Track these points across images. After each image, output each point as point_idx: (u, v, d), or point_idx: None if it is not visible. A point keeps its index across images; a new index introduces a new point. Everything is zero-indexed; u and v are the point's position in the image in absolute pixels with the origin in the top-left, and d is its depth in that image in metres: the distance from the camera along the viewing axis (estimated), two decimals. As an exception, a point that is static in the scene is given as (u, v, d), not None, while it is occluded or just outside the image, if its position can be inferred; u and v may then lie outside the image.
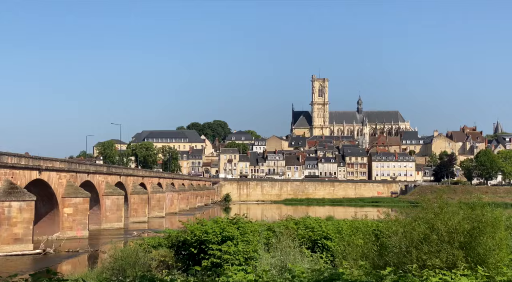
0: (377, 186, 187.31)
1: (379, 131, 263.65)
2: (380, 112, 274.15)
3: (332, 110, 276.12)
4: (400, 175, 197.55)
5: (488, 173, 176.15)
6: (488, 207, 16.03)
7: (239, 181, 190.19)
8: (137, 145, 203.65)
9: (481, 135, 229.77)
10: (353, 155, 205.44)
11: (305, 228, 27.46)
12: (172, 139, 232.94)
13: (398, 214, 18.67)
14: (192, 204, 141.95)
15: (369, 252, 17.68)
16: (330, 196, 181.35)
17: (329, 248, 25.14)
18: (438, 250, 14.85)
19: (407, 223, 16.85)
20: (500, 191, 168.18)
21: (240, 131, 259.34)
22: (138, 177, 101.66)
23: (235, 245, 22.21)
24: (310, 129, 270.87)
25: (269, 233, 25.77)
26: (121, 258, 23.97)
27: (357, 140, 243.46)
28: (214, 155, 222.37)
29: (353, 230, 24.16)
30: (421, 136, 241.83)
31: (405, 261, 15.02)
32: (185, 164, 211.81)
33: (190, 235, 24.23)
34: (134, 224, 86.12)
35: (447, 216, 15.58)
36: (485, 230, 14.77)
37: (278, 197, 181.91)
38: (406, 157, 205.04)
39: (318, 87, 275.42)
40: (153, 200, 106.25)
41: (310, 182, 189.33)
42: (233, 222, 25.56)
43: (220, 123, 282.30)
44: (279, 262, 19.45)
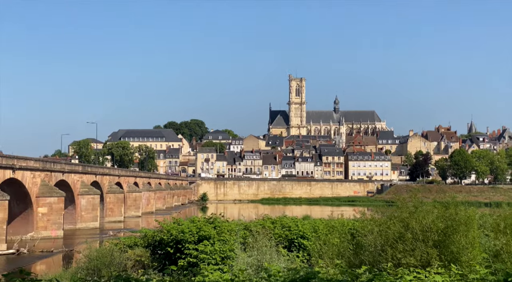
0: (353, 185, 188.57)
1: (355, 131, 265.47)
2: (357, 112, 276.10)
3: (309, 110, 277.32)
4: (376, 174, 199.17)
5: (462, 172, 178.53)
6: (462, 206, 16.24)
7: (216, 180, 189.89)
8: (113, 144, 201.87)
9: (456, 135, 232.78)
10: (329, 155, 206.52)
11: (281, 227, 27.54)
12: (149, 139, 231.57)
13: (374, 213, 18.80)
14: (169, 204, 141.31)
15: (345, 251, 17.80)
16: (307, 195, 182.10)
17: (306, 247, 25.26)
18: (412, 248, 15.02)
19: (383, 222, 17.00)
20: (473, 190, 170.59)
21: (218, 131, 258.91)
22: (114, 176, 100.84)
23: (212, 245, 22.20)
24: (287, 129, 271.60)
25: (246, 232, 25.78)
26: (96, 258, 23.75)
27: (334, 140, 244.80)
28: (191, 154, 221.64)
29: (329, 229, 24.31)
30: (397, 136, 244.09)
31: (380, 260, 15.15)
32: (162, 163, 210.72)
33: (166, 234, 24.16)
34: (110, 224, 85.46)
35: (421, 215, 15.76)
36: (459, 229, 14.96)
37: (255, 196, 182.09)
38: (382, 157, 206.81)
39: (295, 86, 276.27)
40: (129, 199, 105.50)
41: (287, 181, 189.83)
42: (209, 221, 25.54)
43: (197, 123, 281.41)
44: (255, 261, 19.47)
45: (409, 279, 9.91)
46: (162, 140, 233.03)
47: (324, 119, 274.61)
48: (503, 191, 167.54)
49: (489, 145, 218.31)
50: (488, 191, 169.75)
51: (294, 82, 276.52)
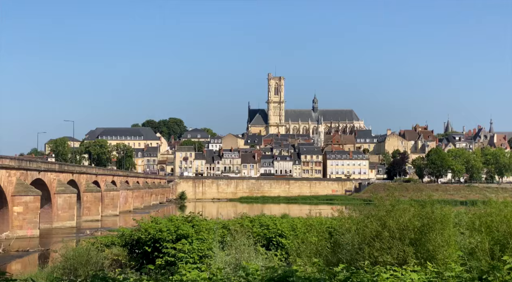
0: (331, 184, 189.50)
1: (334, 130, 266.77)
2: (335, 111, 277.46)
3: (288, 109, 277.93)
4: (354, 173, 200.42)
5: (438, 171, 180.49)
6: (438, 204, 16.42)
7: (195, 179, 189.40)
8: (90, 142, 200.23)
9: (432, 134, 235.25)
10: (308, 153, 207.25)
11: (260, 226, 27.56)
12: (127, 137, 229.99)
13: (352, 211, 18.91)
14: (147, 202, 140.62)
15: (322, 249, 17.88)
16: (285, 194, 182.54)
17: (284, 245, 25.31)
18: (389, 246, 15.14)
19: (360, 220, 17.11)
20: (450, 189, 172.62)
21: (196, 129, 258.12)
22: (92, 175, 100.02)
23: (190, 243, 22.15)
24: (266, 128, 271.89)
25: (224, 231, 25.73)
26: (73, 257, 23.53)
27: (313, 138, 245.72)
28: (170, 153, 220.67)
29: (307, 227, 24.35)
30: (374, 135, 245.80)
31: (357, 258, 15.25)
32: (140, 162, 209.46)
33: (144, 233, 24.05)
34: (87, 223, 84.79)
35: (398, 213, 15.89)
36: (435, 227, 15.12)
37: (234, 195, 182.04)
38: (360, 155, 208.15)
39: (274, 85, 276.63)
40: (107, 198, 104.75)
41: (265, 180, 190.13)
42: (188, 220, 25.49)
43: (175, 121, 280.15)
44: (233, 260, 19.47)
45: (386, 277, 9.98)
46: (140, 138, 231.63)
47: (302, 118, 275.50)
48: (478, 189, 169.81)
49: (465, 144, 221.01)
50: (464, 190, 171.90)
51: (273, 81, 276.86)
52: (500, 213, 15.18)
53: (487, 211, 15.99)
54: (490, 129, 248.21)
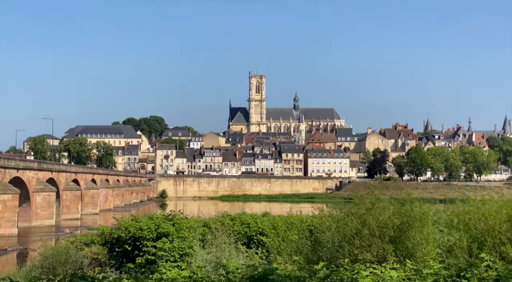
0: (312, 182, 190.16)
1: (315, 128, 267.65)
2: (316, 109, 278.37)
3: (269, 107, 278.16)
4: (335, 171, 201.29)
5: (418, 169, 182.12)
6: (417, 202, 16.55)
7: (176, 177, 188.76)
8: (70, 140, 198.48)
9: (412, 133, 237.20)
10: (289, 151, 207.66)
11: (241, 224, 27.54)
12: (107, 135, 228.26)
13: (332, 209, 18.99)
14: (127, 201, 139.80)
15: (303, 247, 17.94)
16: (266, 192, 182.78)
17: (265, 243, 25.33)
18: (369, 244, 15.24)
19: (340, 218, 17.19)
20: (429, 187, 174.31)
21: (177, 127, 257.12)
22: (71, 173, 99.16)
23: (170, 242, 22.07)
24: (247, 126, 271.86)
25: (205, 229, 25.67)
26: (52, 256, 23.30)
27: (294, 137, 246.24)
28: (151, 151, 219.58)
29: (288, 225, 24.39)
30: (355, 134, 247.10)
31: (337, 256, 15.33)
32: (121, 160, 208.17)
33: (124, 232, 23.92)
34: (67, 221, 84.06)
35: (378, 211, 16.00)
36: (414, 225, 15.25)
37: (215, 193, 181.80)
38: (341, 154, 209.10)
39: (255, 83, 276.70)
40: (87, 196, 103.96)
41: (247, 178, 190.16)
42: (168, 218, 25.40)
43: (156, 119, 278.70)
44: (214, 258, 19.45)
45: (366, 274, 10.05)
46: (121, 136, 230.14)
47: (284, 116, 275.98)
48: (457, 187, 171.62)
49: (444, 143, 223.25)
50: (443, 188, 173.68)
51: (254, 79, 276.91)
52: (478, 211, 15.35)
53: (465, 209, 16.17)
54: (468, 128, 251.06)
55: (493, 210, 15.09)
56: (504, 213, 14.79)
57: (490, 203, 15.96)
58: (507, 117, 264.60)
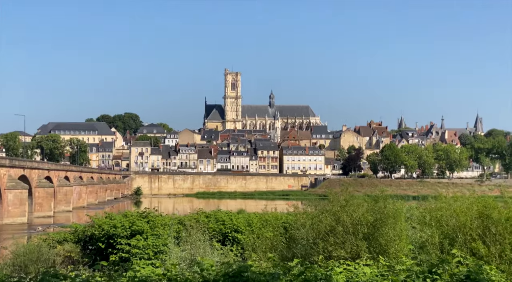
0: (287, 179, 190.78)
1: (290, 126, 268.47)
2: (292, 106, 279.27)
3: (245, 104, 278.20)
4: (310, 168, 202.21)
5: (392, 166, 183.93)
6: (391, 199, 16.71)
7: (151, 174, 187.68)
8: (42, 137, 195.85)
9: (386, 130, 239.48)
10: (265, 149, 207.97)
11: (216, 221, 27.52)
12: (81, 132, 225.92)
13: (307, 206, 19.07)
14: (101, 198, 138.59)
15: (278, 244, 17.98)
16: (242, 189, 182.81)
17: (239, 241, 25.36)
18: (343, 241, 15.35)
19: (315, 215, 17.26)
20: (403, 184, 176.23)
21: (152, 124, 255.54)
22: (44, 170, 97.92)
23: (145, 239, 21.95)
24: (222, 123, 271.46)
25: (179, 226, 25.61)
26: (23, 253, 22.98)
27: (269, 134, 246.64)
28: (125, 148, 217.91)
29: (263, 223, 24.47)
30: (330, 131, 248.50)
31: (312, 253, 15.41)
32: (95, 157, 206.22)
33: (98, 229, 23.73)
34: (39, 219, 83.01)
35: (352, 208, 16.11)
36: (387, 222, 15.40)
37: (190, 190, 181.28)
38: (316, 151, 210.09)
39: (230, 81, 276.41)
40: (60, 193, 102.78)
41: (222, 175, 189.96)
42: (143, 215, 25.25)
43: (131, 116, 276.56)
44: (189, 255, 19.41)
45: (339, 271, 10.13)
46: (95, 133, 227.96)
47: (259, 113, 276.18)
48: (430, 184, 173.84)
49: (417, 140, 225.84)
50: (416, 185, 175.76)
51: (229, 76, 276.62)
52: (450, 207, 15.55)
53: (437, 206, 16.36)
54: (441, 126, 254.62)
55: (464, 206, 15.30)
56: (475, 210, 15.01)
57: (462, 199, 16.18)
58: (478, 115, 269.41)
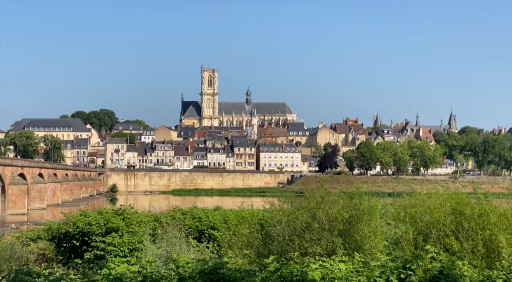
0: (264, 176, 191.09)
1: (267, 123, 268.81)
2: (268, 103, 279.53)
3: (222, 101, 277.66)
4: (287, 165, 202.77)
5: (368, 163, 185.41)
6: (366, 196, 16.85)
7: (127, 171, 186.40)
8: (16, 133, 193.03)
9: (362, 127, 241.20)
10: (241, 146, 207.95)
11: (192, 218, 27.45)
12: (55, 128, 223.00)
13: (283, 203, 19.11)
14: (76, 195, 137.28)
15: (254, 241, 18.02)
16: (218, 186, 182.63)
17: (216, 238, 25.33)
18: (319, 238, 15.44)
19: (291, 212, 17.32)
20: (378, 181, 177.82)
21: (128, 121, 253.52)
22: (17, 167, 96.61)
23: (120, 237, 21.82)
24: (199, 120, 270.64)
25: (155, 223, 25.48)
26: (-4, 252, 22.63)
27: (246, 131, 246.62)
28: (101, 145, 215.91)
29: (239, 219, 24.48)
30: (307, 128, 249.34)
31: (288, 249, 15.46)
32: (69, 154, 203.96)
33: (72, 227, 23.51)
34: (12, 216, 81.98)
35: (328, 205, 16.20)
36: (362, 218, 15.53)
37: (167, 187, 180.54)
38: (292, 148, 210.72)
39: (207, 77, 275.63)
40: (34, 191, 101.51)
41: (199, 172, 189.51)
42: (118, 213, 25.08)
43: (107, 112, 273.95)
44: (164, 252, 19.34)
45: (315, 267, 10.18)
46: (69, 130, 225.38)
47: (236, 110, 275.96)
48: (405, 181, 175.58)
49: (393, 137, 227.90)
50: (391, 181, 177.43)
51: (206, 73, 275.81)
52: (424, 204, 15.74)
53: (412, 202, 16.56)
54: (416, 123, 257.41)
55: (438, 203, 15.50)
56: (449, 206, 15.22)
57: (435, 196, 16.39)
58: (452, 113, 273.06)
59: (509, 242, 13.53)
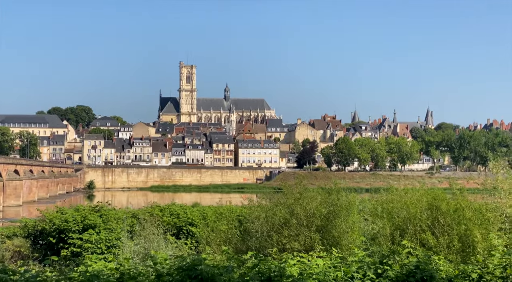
0: (243, 173, 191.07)
1: (245, 119, 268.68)
2: (247, 100, 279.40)
3: (200, 97, 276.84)
4: (266, 161, 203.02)
5: (346, 159, 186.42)
6: (344, 192, 16.96)
7: (104, 168, 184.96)
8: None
9: (340, 123, 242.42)
10: (220, 142, 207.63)
11: (170, 215, 27.37)
12: (31, 125, 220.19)
13: (261, 199, 19.15)
14: (52, 192, 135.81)
15: (232, 237, 18.03)
16: (197, 182, 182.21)
17: (194, 234, 25.31)
18: (297, 233, 15.50)
19: (269, 208, 17.37)
20: (356, 177, 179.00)
21: (106, 117, 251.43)
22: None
23: (97, 233, 21.67)
24: (177, 116, 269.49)
25: (133, 220, 25.36)
26: (-29, 249, 22.34)
27: (224, 127, 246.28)
28: (77, 141, 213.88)
29: (217, 216, 24.52)
30: (285, 124, 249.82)
31: (266, 245, 15.51)
32: (46, 150, 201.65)
33: (48, 224, 23.29)
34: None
35: (306, 201, 16.28)
36: (340, 214, 15.63)
37: (145, 184, 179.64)
38: (271, 144, 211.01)
39: (186, 74, 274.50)
40: (9, 188, 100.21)
41: (177, 168, 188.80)
42: (95, 209, 24.88)
43: (84, 109, 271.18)
44: (142, 249, 19.26)
45: (293, 263, 10.22)
46: (46, 126, 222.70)
47: (214, 107, 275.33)
48: (382, 177, 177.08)
49: (370, 133, 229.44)
50: (369, 177, 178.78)
51: (184, 69, 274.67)
52: (401, 199, 15.90)
53: (389, 198, 16.71)
54: (393, 119, 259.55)
55: (415, 198, 15.67)
56: (425, 201, 15.39)
57: (412, 192, 16.57)
58: (429, 109, 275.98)
59: (483, 237, 13.73)
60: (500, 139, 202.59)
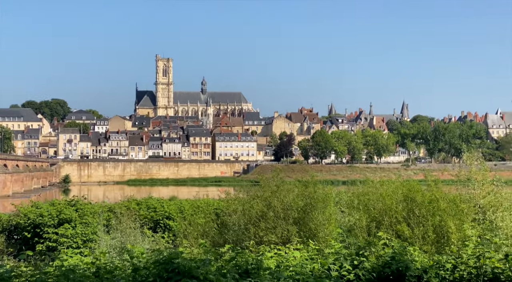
0: (220, 166, 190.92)
1: (222, 112, 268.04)
2: (224, 93, 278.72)
3: (177, 91, 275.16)
4: (243, 154, 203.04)
5: (323, 152, 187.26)
6: (320, 184, 17.06)
7: (80, 162, 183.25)
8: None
9: (317, 116, 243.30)
10: (197, 135, 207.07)
11: (147, 209, 27.28)
12: (5, 118, 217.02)
13: (239, 193, 19.17)
14: (27, 186, 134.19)
15: (209, 231, 18.03)
16: (174, 176, 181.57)
17: (171, 227, 25.25)
18: (274, 226, 15.56)
19: (246, 201, 17.40)
20: (333, 169, 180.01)
21: (81, 111, 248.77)
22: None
23: (73, 228, 21.50)
24: (154, 109, 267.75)
25: (109, 214, 25.19)
26: None
27: (201, 120, 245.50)
28: (53, 135, 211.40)
29: (194, 209, 24.47)
30: (262, 117, 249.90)
31: (243, 238, 15.54)
32: (20, 144, 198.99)
33: (23, 218, 23.05)
34: (-39, 209, 79.43)
35: (283, 193, 16.33)
36: (317, 206, 15.72)
37: (121, 177, 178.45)
38: (248, 137, 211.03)
39: (162, 67, 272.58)
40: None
41: (154, 162, 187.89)
42: (71, 204, 24.68)
43: (58, 102, 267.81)
44: (119, 243, 19.15)
45: (270, 255, 10.25)
46: (20, 120, 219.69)
47: (191, 100, 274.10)
48: (359, 169, 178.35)
49: (347, 126, 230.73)
50: (346, 170, 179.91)
51: (161, 62, 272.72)
52: (377, 191, 16.05)
53: (365, 190, 16.85)
54: (370, 112, 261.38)
55: (390, 190, 15.83)
56: (400, 193, 15.55)
57: (388, 184, 16.73)
58: (404, 102, 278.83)
59: (458, 228, 13.94)
60: (474, 131, 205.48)
